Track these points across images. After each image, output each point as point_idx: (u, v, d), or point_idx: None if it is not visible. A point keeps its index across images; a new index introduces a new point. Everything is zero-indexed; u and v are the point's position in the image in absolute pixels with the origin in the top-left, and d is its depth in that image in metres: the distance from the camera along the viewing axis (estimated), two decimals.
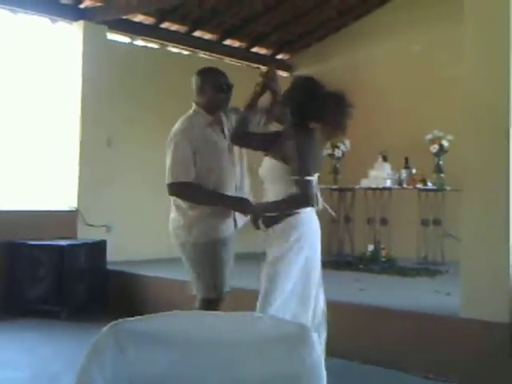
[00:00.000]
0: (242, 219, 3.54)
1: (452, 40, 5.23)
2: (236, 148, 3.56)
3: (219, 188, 3.50)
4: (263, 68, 3.46)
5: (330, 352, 2.94)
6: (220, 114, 3.59)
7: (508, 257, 3.98)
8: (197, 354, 1.58)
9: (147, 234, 7.26)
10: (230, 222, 3.55)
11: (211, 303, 3.50)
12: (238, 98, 3.53)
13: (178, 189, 3.48)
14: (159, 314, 1.65)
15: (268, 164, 3.19)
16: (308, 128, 3.17)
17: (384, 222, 6.98)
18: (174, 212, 3.58)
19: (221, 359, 1.58)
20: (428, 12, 7.63)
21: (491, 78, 4.11)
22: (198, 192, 3.47)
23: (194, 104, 3.61)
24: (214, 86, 3.55)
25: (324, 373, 1.56)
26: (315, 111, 3.11)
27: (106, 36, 7.21)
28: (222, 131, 3.56)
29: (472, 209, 4.14)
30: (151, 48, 8.02)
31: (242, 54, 8.80)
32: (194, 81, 3.61)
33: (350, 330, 4.45)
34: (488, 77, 4.12)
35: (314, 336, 1.55)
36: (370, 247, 6.96)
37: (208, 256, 3.50)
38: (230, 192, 3.52)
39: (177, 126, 3.53)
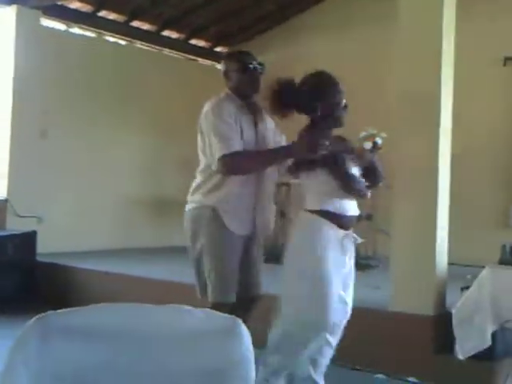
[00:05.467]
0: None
1: (386, 38, 5.34)
2: (268, 142, 3.32)
3: (236, 186, 3.20)
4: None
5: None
6: (255, 101, 3.35)
7: (434, 252, 4.12)
8: (127, 348, 1.56)
9: (80, 225, 7.14)
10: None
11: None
12: (182, 92, 3.48)
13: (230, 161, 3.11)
14: (89, 306, 1.62)
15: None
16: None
17: None
18: None
19: (152, 353, 1.56)
20: (365, 10, 7.75)
21: (421, 75, 4.21)
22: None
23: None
24: (237, 69, 3.32)
25: (253, 366, 1.56)
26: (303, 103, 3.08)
27: (39, 21, 7.01)
28: (254, 121, 3.29)
29: (402, 205, 4.25)
30: (88, 36, 7.84)
31: (181, 46, 8.71)
32: (221, 68, 3.43)
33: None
34: (418, 74, 4.22)
35: (243, 329, 1.56)
36: None
37: None
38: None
39: (206, 107, 3.25)
